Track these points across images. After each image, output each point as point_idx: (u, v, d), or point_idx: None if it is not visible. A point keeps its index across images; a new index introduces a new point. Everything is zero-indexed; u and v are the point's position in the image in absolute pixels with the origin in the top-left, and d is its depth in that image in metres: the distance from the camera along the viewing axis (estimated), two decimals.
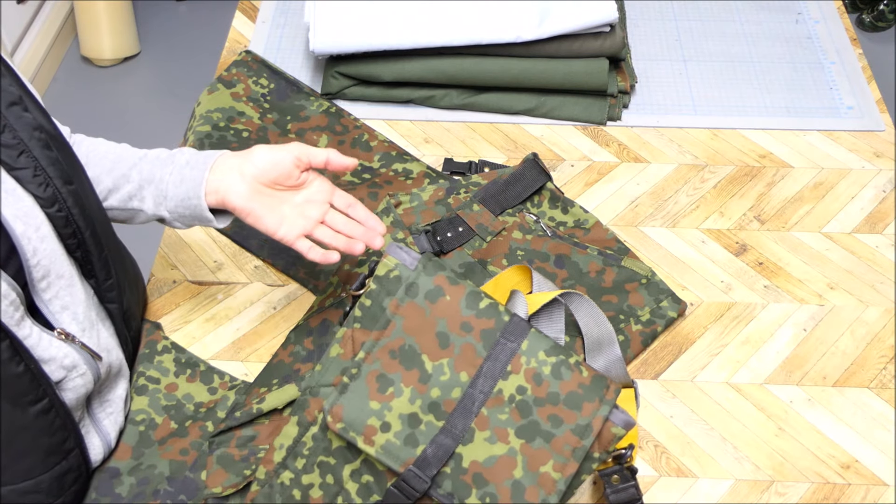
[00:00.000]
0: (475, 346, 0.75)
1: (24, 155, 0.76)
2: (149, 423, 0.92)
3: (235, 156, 0.87)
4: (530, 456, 0.73)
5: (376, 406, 0.75)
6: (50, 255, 0.77)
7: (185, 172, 0.86)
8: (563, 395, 0.74)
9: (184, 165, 0.87)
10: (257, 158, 0.85)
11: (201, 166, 0.86)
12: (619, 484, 0.81)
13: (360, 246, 0.87)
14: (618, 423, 0.73)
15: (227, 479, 0.86)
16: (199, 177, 0.86)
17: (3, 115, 0.75)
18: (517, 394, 0.74)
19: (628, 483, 0.81)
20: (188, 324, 1.03)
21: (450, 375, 0.75)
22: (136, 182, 0.88)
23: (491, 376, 0.74)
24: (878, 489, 0.90)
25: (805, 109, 1.26)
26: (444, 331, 0.76)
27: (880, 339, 1.01)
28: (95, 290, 0.86)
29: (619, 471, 0.81)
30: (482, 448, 0.73)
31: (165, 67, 2.46)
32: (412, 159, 1.17)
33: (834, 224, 1.12)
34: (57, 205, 0.78)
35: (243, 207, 0.85)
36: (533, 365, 0.74)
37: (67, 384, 0.80)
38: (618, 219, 1.13)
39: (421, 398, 0.75)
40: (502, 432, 0.73)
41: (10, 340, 0.72)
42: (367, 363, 0.76)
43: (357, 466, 0.76)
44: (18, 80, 0.78)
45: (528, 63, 1.21)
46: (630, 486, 0.81)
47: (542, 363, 0.74)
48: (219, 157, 0.87)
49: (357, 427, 0.75)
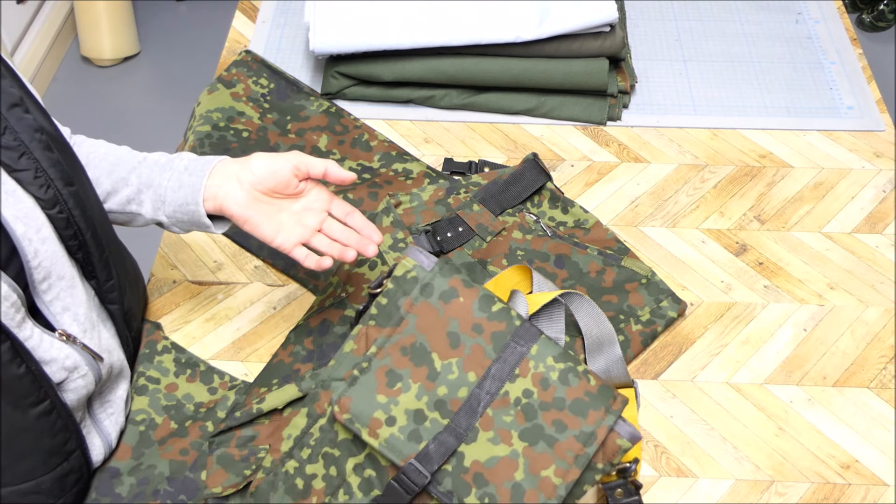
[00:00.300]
0: (485, 347, 0.76)
1: (24, 157, 0.76)
2: (149, 423, 0.92)
3: (234, 162, 0.87)
4: (532, 459, 0.73)
5: (383, 400, 0.76)
6: (51, 256, 0.77)
7: (184, 178, 0.86)
8: (569, 401, 0.74)
9: (182, 171, 0.87)
10: (255, 166, 0.85)
11: (199, 172, 0.86)
12: (623, 498, 0.81)
13: (351, 253, 0.87)
14: (624, 435, 0.73)
15: (227, 479, 0.86)
16: (198, 183, 0.86)
17: (3, 117, 0.75)
18: (523, 397, 0.74)
19: (632, 498, 0.81)
20: (188, 324, 1.03)
21: (458, 374, 0.75)
22: (134, 186, 0.88)
23: (499, 378, 0.75)
24: (878, 489, 0.90)
25: (805, 109, 1.26)
26: (455, 331, 0.76)
27: (880, 339, 1.01)
28: (96, 291, 0.86)
29: (623, 485, 0.81)
30: (485, 448, 0.74)
31: (165, 67, 2.46)
32: (412, 159, 1.17)
33: (834, 224, 1.12)
34: (58, 206, 0.78)
35: (241, 214, 0.85)
36: (541, 370, 0.75)
37: (69, 385, 0.80)
38: (618, 219, 1.13)
39: (428, 395, 0.75)
40: (506, 434, 0.73)
41: (11, 342, 0.72)
42: (378, 358, 0.77)
43: (360, 460, 0.77)
44: (19, 82, 0.78)
45: (528, 63, 1.21)
46: (634, 502, 0.81)
47: (551, 368, 0.75)
48: (217, 164, 0.87)
49: (363, 419, 0.75)
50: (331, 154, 1.17)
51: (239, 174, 0.85)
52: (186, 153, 0.90)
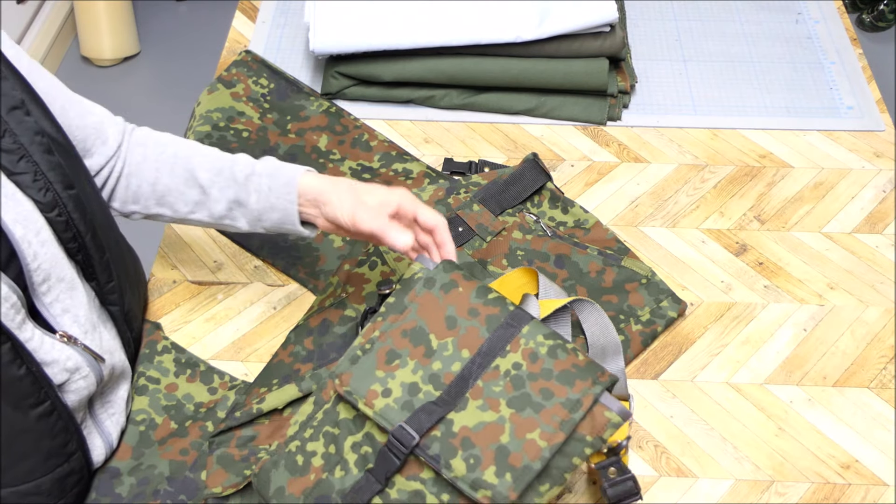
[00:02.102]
0: (479, 328, 0.78)
1: (23, 160, 0.76)
2: (149, 423, 0.92)
3: (347, 191, 0.88)
4: (518, 424, 0.74)
5: (381, 375, 0.78)
6: (50, 259, 0.77)
7: (272, 200, 0.89)
8: (556, 371, 0.75)
9: (268, 192, 0.89)
10: (368, 201, 0.88)
11: (286, 196, 0.88)
12: (617, 476, 0.81)
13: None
14: (613, 408, 0.74)
15: (227, 479, 0.86)
16: (290, 208, 0.88)
17: (3, 120, 0.75)
18: (513, 369, 0.76)
19: (625, 476, 0.81)
20: (188, 324, 1.03)
21: (452, 352, 0.78)
22: (223, 204, 0.90)
23: (490, 354, 0.77)
24: (878, 489, 0.90)
25: (805, 109, 1.26)
26: (452, 314, 0.79)
27: (880, 339, 1.01)
28: (97, 293, 0.86)
29: (616, 462, 0.81)
30: (473, 415, 0.75)
31: (165, 67, 2.46)
32: (412, 159, 1.17)
33: (834, 224, 1.12)
34: (57, 209, 0.78)
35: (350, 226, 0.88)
36: (531, 345, 0.77)
37: (70, 386, 0.80)
38: (618, 219, 1.13)
39: (423, 370, 0.78)
40: (494, 402, 0.75)
41: (11, 343, 0.72)
42: (381, 341, 0.80)
43: (358, 439, 0.79)
44: (23, 83, 0.78)
45: (528, 63, 1.21)
46: (627, 479, 0.81)
47: (540, 344, 0.77)
48: (301, 180, 0.88)
49: (360, 391, 0.78)
50: (331, 154, 1.17)
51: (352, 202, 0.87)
52: (263, 165, 0.90)
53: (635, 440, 0.93)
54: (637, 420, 0.94)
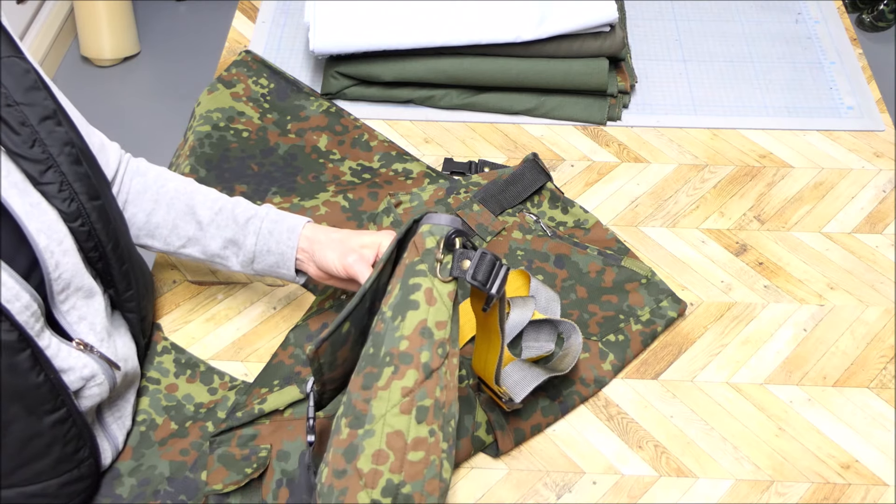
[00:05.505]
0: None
1: (51, 170, 0.77)
2: (149, 423, 0.92)
3: (334, 243, 0.89)
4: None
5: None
6: (72, 268, 0.78)
7: (271, 244, 0.90)
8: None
9: (268, 235, 0.90)
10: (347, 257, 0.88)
11: (286, 242, 0.90)
12: (462, 250, 0.71)
13: None
14: (424, 221, 0.71)
15: (228, 477, 0.86)
16: (288, 253, 0.90)
17: (35, 130, 0.75)
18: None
19: (472, 249, 0.71)
20: (188, 324, 1.03)
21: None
22: (218, 241, 0.92)
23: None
24: (878, 489, 0.90)
25: (805, 109, 1.26)
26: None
27: (880, 339, 1.01)
28: (115, 301, 0.87)
29: (460, 241, 0.71)
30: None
31: (165, 67, 2.46)
32: (412, 159, 1.17)
33: (834, 224, 1.12)
34: (80, 219, 0.79)
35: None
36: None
37: (84, 392, 0.80)
38: (618, 219, 1.13)
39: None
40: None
41: (31, 350, 0.72)
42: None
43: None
44: (52, 94, 0.79)
45: (528, 63, 1.21)
46: (477, 251, 0.70)
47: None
48: (303, 232, 0.90)
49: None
50: (331, 154, 1.17)
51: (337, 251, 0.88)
52: (266, 210, 0.92)
53: (635, 440, 0.93)
54: (637, 420, 0.94)
